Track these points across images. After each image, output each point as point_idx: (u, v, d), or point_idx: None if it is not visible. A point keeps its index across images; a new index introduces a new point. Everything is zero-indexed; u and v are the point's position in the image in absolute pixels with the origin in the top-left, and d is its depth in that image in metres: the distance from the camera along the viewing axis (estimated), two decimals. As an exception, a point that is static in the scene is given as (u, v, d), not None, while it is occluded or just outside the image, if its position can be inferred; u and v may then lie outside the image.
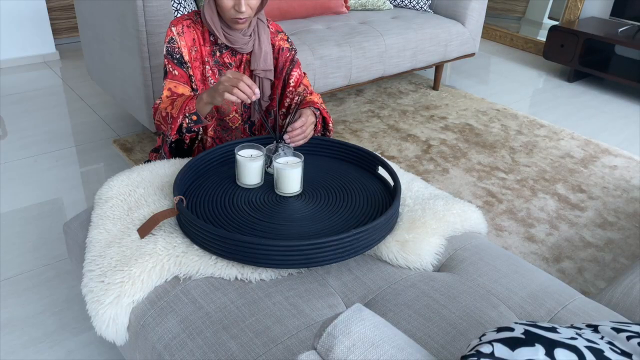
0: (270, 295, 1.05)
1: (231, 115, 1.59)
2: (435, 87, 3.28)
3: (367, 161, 1.41)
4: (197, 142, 1.56)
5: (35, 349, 1.48)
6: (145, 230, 1.14)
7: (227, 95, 1.26)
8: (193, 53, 1.48)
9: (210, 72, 1.52)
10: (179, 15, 2.21)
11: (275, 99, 1.58)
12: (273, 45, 1.58)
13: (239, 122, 1.60)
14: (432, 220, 1.23)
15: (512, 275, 1.14)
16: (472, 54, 3.25)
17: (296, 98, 1.58)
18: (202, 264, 1.10)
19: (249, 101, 1.28)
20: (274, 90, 1.62)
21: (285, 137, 1.36)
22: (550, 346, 0.60)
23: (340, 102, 3.07)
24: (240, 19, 1.40)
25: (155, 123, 1.50)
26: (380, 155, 1.41)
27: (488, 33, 4.34)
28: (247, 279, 1.08)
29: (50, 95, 2.99)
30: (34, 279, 1.72)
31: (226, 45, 1.51)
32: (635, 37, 3.28)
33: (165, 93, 1.47)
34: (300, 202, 1.26)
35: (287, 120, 1.39)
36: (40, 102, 2.90)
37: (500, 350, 0.60)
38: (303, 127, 1.38)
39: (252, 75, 1.56)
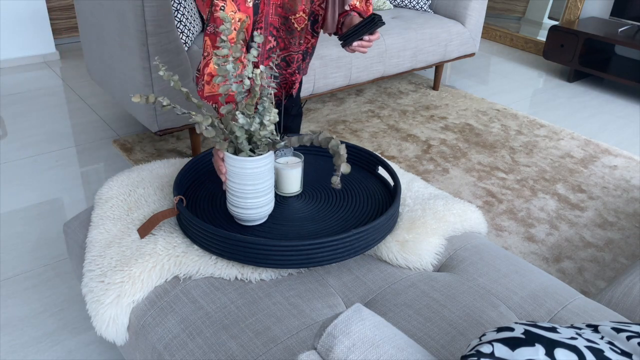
0: (270, 295, 1.05)
1: (297, 15, 1.44)
2: (435, 87, 3.28)
3: (367, 161, 1.41)
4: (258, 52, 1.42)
5: (35, 348, 1.48)
6: (145, 230, 1.14)
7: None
8: None
9: None
10: (179, 15, 2.21)
11: (282, 108, 1.52)
12: None
13: (305, 22, 1.47)
14: (432, 220, 1.23)
15: (512, 275, 1.14)
16: (472, 54, 3.25)
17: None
18: (202, 264, 1.10)
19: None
20: None
21: (355, 43, 1.32)
22: (550, 346, 0.60)
23: (340, 102, 3.07)
24: None
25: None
26: (380, 155, 1.41)
27: (488, 33, 4.34)
28: (247, 279, 1.08)
29: (50, 95, 2.99)
30: (34, 279, 1.72)
31: None
32: (635, 37, 3.28)
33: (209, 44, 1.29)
34: (300, 202, 1.26)
35: (358, 24, 1.32)
36: (40, 102, 2.90)
37: (500, 350, 0.60)
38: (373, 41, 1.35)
39: None
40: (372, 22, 1.30)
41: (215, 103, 1.27)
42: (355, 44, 1.33)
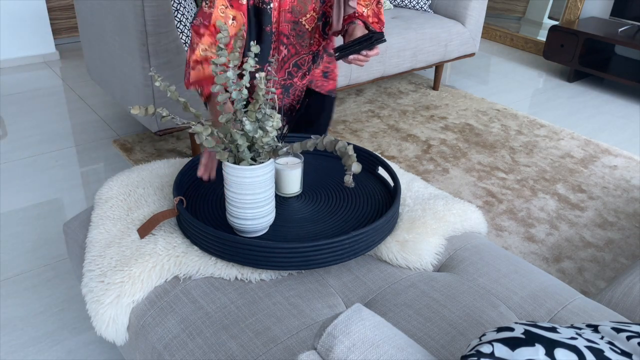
0: (270, 295, 1.05)
1: (308, 15, 1.41)
2: (435, 87, 3.28)
3: (367, 161, 1.41)
4: (273, 53, 1.43)
5: (35, 348, 1.48)
6: (145, 230, 1.14)
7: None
8: None
9: None
10: (179, 15, 2.21)
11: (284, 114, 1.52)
12: None
13: (315, 21, 1.43)
14: (432, 220, 1.23)
15: (512, 275, 1.14)
16: (472, 54, 3.25)
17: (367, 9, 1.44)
18: (202, 264, 1.10)
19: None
20: None
21: (351, 57, 1.31)
22: (550, 346, 0.60)
23: (340, 102, 3.07)
24: None
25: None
26: (380, 155, 1.41)
27: (488, 33, 4.34)
28: (247, 279, 1.08)
29: (50, 95, 2.99)
30: (33, 279, 1.72)
31: None
32: (635, 37, 3.28)
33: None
34: (300, 202, 1.26)
35: (354, 37, 1.30)
36: (40, 102, 2.90)
37: (500, 350, 0.60)
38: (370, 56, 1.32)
39: None
40: (369, 40, 1.29)
41: (200, 87, 1.29)
42: (351, 57, 1.32)
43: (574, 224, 2.09)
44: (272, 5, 1.34)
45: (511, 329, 0.63)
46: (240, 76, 1.42)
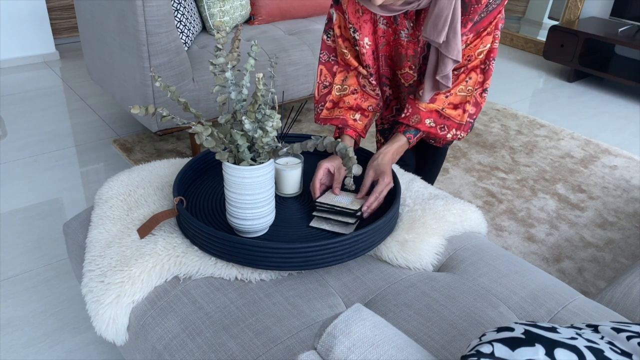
0: (270, 295, 1.05)
1: (403, 71, 1.43)
2: (435, 87, 3.28)
3: (367, 161, 1.41)
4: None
5: (35, 348, 1.48)
6: (145, 230, 1.14)
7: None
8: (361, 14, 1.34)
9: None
10: (179, 15, 2.21)
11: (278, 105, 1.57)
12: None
13: (413, 78, 1.44)
14: (432, 220, 1.23)
15: (512, 275, 1.14)
16: (472, 54, 3.25)
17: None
18: (202, 264, 1.10)
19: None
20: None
21: (364, 209, 1.20)
22: (551, 346, 0.60)
23: (340, 102, 3.06)
24: None
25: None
26: (380, 155, 1.40)
27: (488, 33, 4.34)
28: (247, 279, 1.08)
29: (50, 95, 2.99)
30: (34, 279, 1.72)
31: None
32: (635, 37, 3.28)
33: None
34: (300, 203, 1.26)
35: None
36: (40, 102, 2.90)
37: (500, 350, 0.60)
38: (378, 196, 1.22)
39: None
40: (341, 213, 1.19)
41: (325, 124, 1.45)
42: (364, 209, 1.20)
43: (574, 224, 2.09)
44: (359, 49, 1.40)
45: (511, 329, 0.63)
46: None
